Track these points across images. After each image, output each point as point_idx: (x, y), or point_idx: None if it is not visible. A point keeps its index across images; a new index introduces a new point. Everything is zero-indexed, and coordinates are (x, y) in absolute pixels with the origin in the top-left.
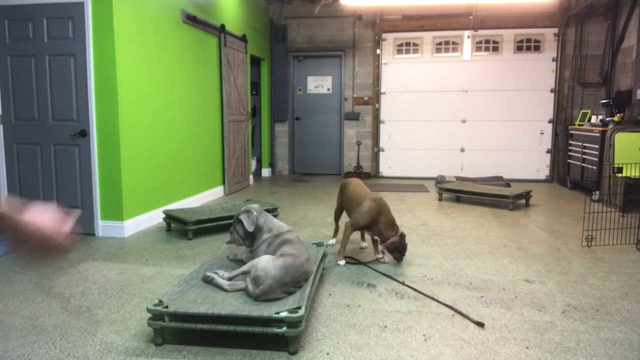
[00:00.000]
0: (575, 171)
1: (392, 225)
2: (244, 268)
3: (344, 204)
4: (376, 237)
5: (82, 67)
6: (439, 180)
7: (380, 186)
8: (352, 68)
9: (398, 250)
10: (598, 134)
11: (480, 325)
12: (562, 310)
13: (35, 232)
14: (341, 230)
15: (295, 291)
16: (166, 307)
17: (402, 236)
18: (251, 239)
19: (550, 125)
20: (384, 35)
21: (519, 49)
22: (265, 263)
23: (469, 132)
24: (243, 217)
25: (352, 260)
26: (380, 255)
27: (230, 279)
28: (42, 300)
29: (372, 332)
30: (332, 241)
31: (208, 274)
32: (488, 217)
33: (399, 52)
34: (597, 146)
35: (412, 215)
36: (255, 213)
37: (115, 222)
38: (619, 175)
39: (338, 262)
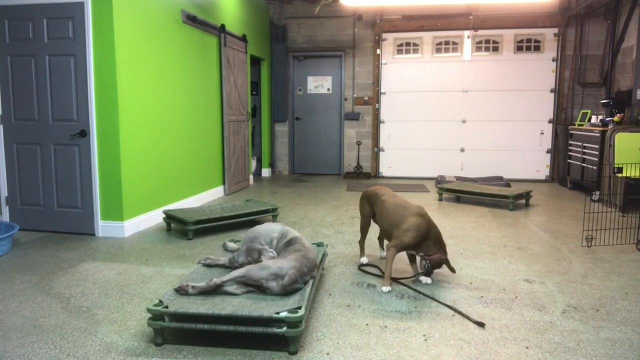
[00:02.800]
0: (575, 171)
1: (440, 242)
2: (237, 273)
3: (379, 219)
4: (421, 253)
5: (82, 67)
6: (439, 180)
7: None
8: (352, 68)
9: (439, 266)
10: (598, 134)
11: (481, 325)
12: (562, 310)
13: None
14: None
15: (309, 280)
16: (166, 307)
17: (440, 257)
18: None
19: (550, 125)
20: (384, 35)
21: (519, 49)
22: (277, 261)
23: (469, 132)
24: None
25: (371, 268)
26: (421, 271)
27: (223, 282)
28: (42, 300)
29: (372, 332)
30: (364, 259)
31: (187, 284)
32: (488, 217)
33: (399, 52)
34: (597, 146)
35: None
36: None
37: (115, 222)
38: (619, 175)
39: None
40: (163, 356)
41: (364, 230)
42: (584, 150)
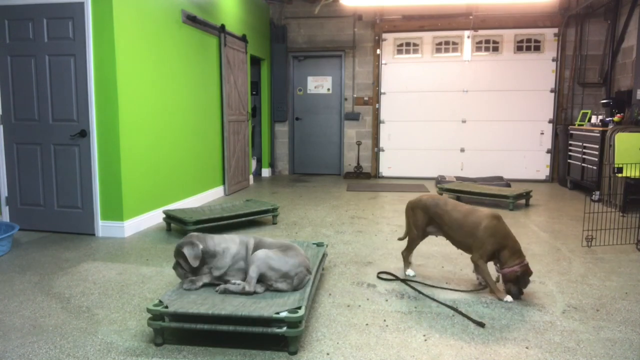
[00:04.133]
0: (576, 171)
1: (518, 251)
2: (253, 274)
3: (449, 231)
4: (497, 266)
5: (82, 67)
6: (439, 180)
7: (380, 186)
8: (352, 68)
9: (516, 282)
10: (598, 134)
11: (481, 325)
12: (562, 310)
13: None
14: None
15: (309, 278)
16: (166, 307)
17: (526, 266)
18: (199, 269)
19: (551, 125)
20: (384, 35)
21: (519, 49)
22: (280, 259)
23: (469, 132)
24: (186, 250)
25: (390, 276)
26: (482, 282)
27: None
28: (42, 300)
29: (372, 332)
30: (410, 272)
31: (223, 286)
32: None
33: (399, 52)
34: (597, 146)
35: None
36: (198, 243)
37: (115, 222)
38: (619, 175)
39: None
40: (163, 356)
41: (415, 245)
42: (584, 150)
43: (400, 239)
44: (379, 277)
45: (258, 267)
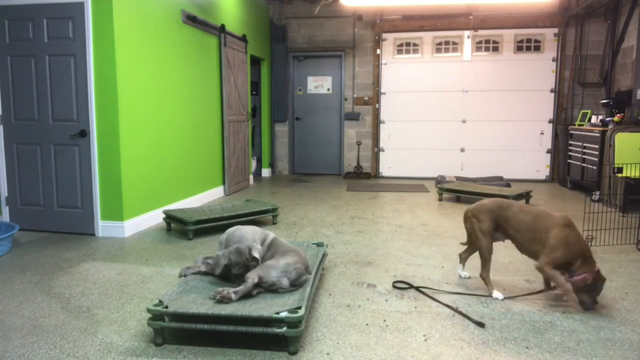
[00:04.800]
0: (576, 171)
1: (590, 258)
2: (251, 282)
3: (515, 235)
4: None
5: (82, 67)
6: (439, 180)
7: (380, 186)
8: (352, 68)
9: (587, 290)
10: (598, 134)
11: (481, 325)
12: (562, 310)
13: None
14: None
15: (308, 277)
16: (166, 307)
17: (597, 274)
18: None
19: (551, 125)
20: (384, 35)
21: (519, 49)
22: (277, 263)
23: (469, 132)
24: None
25: (404, 285)
26: (557, 289)
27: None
28: (42, 300)
29: (372, 332)
30: (465, 273)
31: (224, 292)
32: None
33: (399, 52)
34: (597, 146)
35: (412, 215)
36: (257, 245)
37: (115, 222)
38: (619, 175)
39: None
40: (163, 356)
41: (489, 254)
42: (584, 150)
43: (461, 255)
44: (394, 287)
45: (256, 272)
